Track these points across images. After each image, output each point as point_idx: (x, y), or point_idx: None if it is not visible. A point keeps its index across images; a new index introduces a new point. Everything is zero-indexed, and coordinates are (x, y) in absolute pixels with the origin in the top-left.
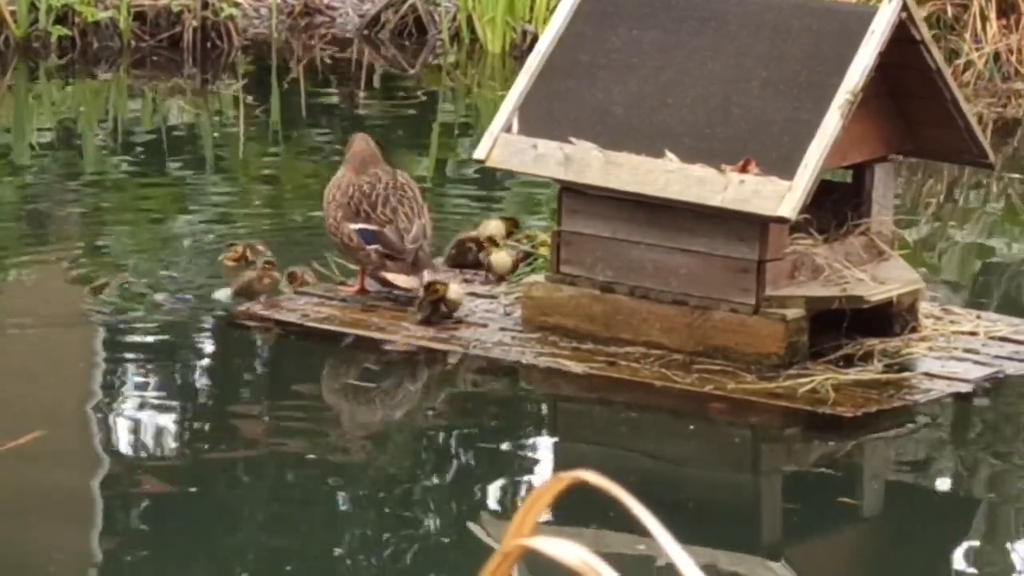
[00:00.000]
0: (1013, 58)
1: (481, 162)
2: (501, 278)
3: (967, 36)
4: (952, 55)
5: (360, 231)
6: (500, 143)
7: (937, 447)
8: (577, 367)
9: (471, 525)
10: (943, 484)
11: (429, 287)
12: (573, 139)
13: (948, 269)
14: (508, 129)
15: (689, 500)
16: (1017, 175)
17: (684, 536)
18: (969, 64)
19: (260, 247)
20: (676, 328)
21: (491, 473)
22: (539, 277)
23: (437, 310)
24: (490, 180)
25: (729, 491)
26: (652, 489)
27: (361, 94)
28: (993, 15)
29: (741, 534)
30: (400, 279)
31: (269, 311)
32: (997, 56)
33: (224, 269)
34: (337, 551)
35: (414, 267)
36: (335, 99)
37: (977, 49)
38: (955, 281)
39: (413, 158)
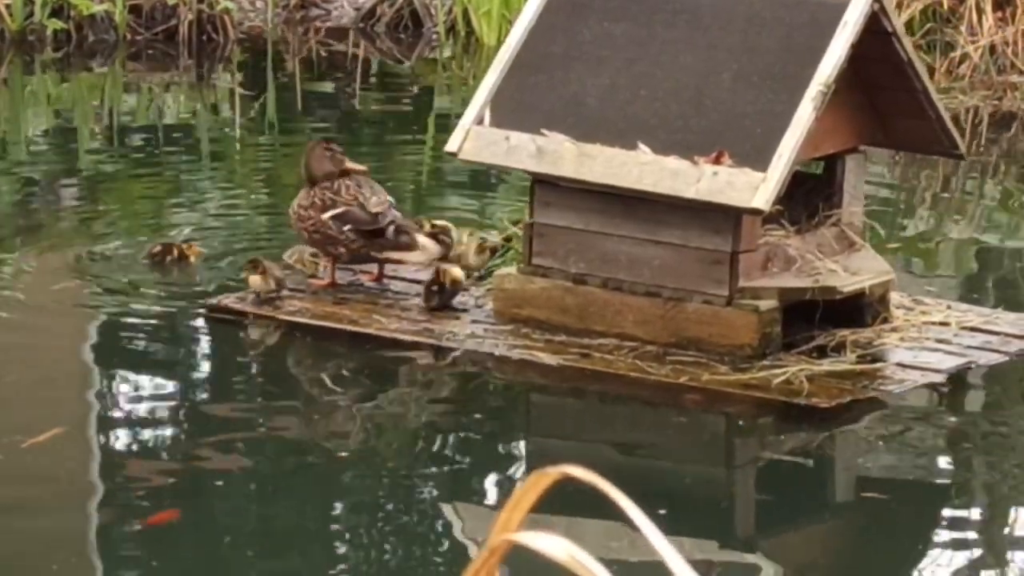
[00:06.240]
0: (1009, 51)
1: (453, 155)
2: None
3: (963, 29)
4: (948, 48)
5: (333, 216)
6: (472, 136)
7: (912, 437)
8: (551, 359)
9: (446, 519)
10: (918, 474)
11: (438, 273)
12: (546, 131)
13: (941, 261)
14: (480, 122)
15: (664, 491)
16: (1014, 168)
17: (660, 527)
18: (965, 57)
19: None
20: (649, 320)
21: (466, 467)
22: (511, 269)
23: (444, 290)
24: (485, 173)
25: (705, 482)
26: (627, 481)
27: (357, 87)
28: (989, 8)
29: (717, 525)
30: (407, 256)
31: (241, 305)
32: (993, 49)
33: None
34: (321, 546)
35: (401, 239)
36: (331, 92)
37: (973, 42)
38: (946, 274)
39: (407, 151)
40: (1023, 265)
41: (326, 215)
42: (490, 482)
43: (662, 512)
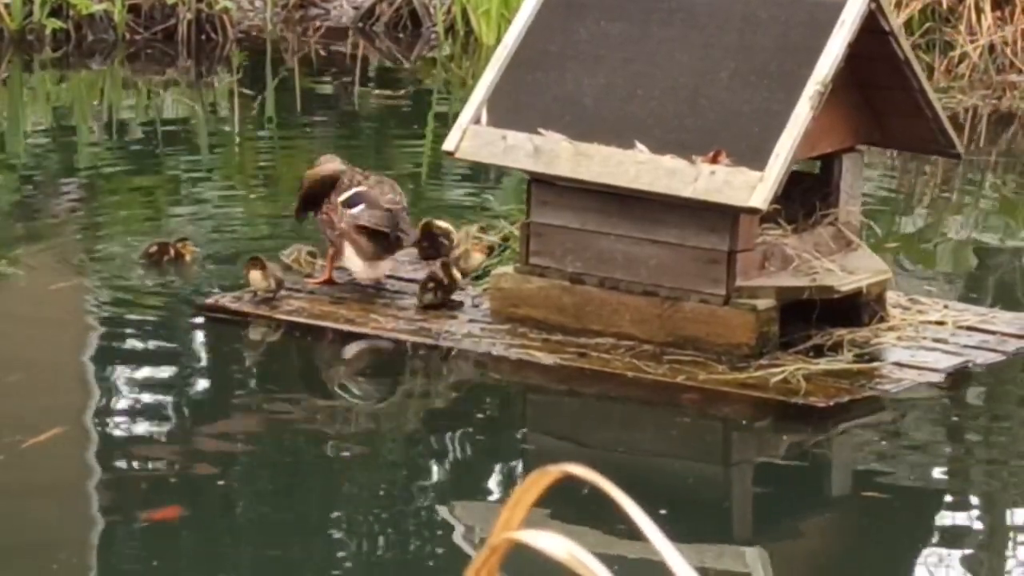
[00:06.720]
0: (1008, 50)
1: (450, 154)
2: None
3: (962, 28)
4: (947, 47)
5: (348, 198)
6: (469, 135)
7: (909, 437)
8: (547, 358)
9: (446, 517)
10: (915, 473)
11: (445, 270)
12: (543, 130)
13: (938, 260)
14: (477, 121)
15: (662, 490)
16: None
17: (659, 526)
18: (964, 56)
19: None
20: (646, 319)
21: (464, 466)
22: (508, 268)
23: (446, 289)
24: (483, 172)
25: (702, 481)
26: (625, 480)
27: (355, 86)
28: (988, 7)
29: (715, 524)
30: (355, 262)
31: (238, 304)
32: (992, 48)
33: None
34: (321, 545)
35: (384, 250)
36: (330, 92)
37: (972, 41)
38: (943, 273)
39: (406, 149)
40: (1021, 264)
41: (344, 196)
42: (487, 481)
43: (661, 511)
